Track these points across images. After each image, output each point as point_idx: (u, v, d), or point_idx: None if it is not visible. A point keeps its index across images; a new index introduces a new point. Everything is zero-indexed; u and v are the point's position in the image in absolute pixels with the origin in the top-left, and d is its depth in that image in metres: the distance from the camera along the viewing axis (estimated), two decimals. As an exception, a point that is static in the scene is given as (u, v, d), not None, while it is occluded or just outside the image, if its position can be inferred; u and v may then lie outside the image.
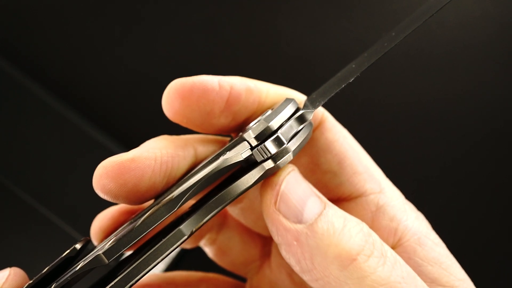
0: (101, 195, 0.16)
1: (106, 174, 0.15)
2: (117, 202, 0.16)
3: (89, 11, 0.41)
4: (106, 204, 0.41)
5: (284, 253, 0.15)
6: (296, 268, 0.15)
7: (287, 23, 0.40)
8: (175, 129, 0.43)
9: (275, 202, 0.15)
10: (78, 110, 0.41)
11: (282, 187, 0.15)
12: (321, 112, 0.18)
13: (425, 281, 0.16)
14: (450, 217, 0.40)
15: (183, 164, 0.17)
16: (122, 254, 0.15)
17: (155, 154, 0.16)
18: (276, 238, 0.15)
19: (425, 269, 0.16)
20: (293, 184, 0.15)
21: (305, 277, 0.15)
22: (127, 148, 0.40)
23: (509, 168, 0.40)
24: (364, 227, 0.15)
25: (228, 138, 0.19)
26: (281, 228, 0.15)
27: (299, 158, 0.18)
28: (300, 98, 0.18)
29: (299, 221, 0.14)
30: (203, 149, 0.18)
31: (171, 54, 0.41)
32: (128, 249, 0.14)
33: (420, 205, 0.21)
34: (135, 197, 0.16)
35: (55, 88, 0.41)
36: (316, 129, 0.18)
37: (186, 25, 0.41)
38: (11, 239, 0.42)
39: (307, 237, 0.14)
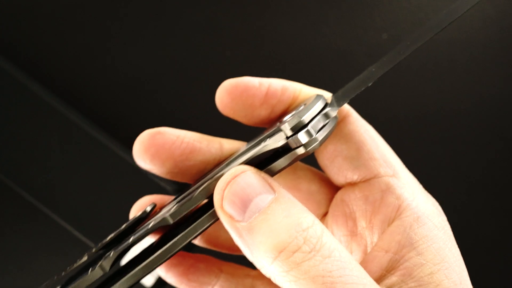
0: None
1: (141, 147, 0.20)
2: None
3: (90, 11, 0.41)
4: (107, 204, 0.41)
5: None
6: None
7: (287, 24, 0.40)
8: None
9: (221, 201, 0.17)
10: (80, 111, 0.41)
11: (226, 190, 0.17)
12: (347, 108, 0.21)
13: (414, 255, 0.18)
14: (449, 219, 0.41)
15: (206, 151, 0.21)
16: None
17: (180, 133, 0.21)
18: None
19: (415, 242, 0.18)
20: (238, 185, 0.17)
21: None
22: (130, 149, 0.40)
23: (509, 169, 0.40)
24: (305, 222, 0.16)
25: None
26: (227, 225, 0.17)
27: (326, 146, 0.21)
28: (328, 95, 0.21)
29: (242, 219, 0.16)
30: (229, 146, 0.22)
31: (173, 54, 0.41)
32: (188, 213, 0.18)
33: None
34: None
35: (58, 89, 0.41)
36: (341, 121, 0.21)
37: (188, 25, 0.41)
38: (13, 239, 0.42)
39: (245, 234, 0.16)
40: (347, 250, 0.20)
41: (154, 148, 0.20)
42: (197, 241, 0.25)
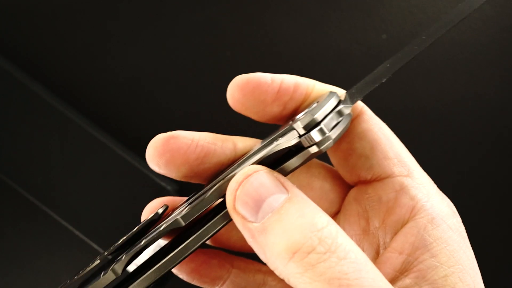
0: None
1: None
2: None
3: (90, 11, 0.41)
4: (107, 204, 0.41)
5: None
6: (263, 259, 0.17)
7: (287, 24, 0.41)
8: (178, 129, 0.42)
9: (234, 202, 0.17)
10: (80, 111, 0.41)
11: (238, 191, 0.17)
12: (361, 105, 0.21)
13: (428, 257, 0.17)
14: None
15: (220, 153, 0.20)
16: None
17: (194, 136, 0.20)
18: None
19: (429, 244, 0.18)
20: (251, 185, 0.16)
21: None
22: (130, 149, 0.40)
23: (510, 169, 0.40)
24: (319, 222, 0.16)
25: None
26: (240, 226, 0.17)
27: (339, 144, 0.21)
28: (342, 91, 0.21)
29: (255, 220, 0.16)
30: (243, 145, 0.21)
31: (173, 55, 0.41)
32: (199, 216, 0.18)
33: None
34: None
35: (58, 89, 0.41)
36: (355, 119, 0.21)
37: (188, 25, 0.41)
38: (14, 238, 0.42)
39: (259, 235, 0.16)
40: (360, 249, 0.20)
41: (169, 153, 0.20)
42: (208, 241, 0.24)
